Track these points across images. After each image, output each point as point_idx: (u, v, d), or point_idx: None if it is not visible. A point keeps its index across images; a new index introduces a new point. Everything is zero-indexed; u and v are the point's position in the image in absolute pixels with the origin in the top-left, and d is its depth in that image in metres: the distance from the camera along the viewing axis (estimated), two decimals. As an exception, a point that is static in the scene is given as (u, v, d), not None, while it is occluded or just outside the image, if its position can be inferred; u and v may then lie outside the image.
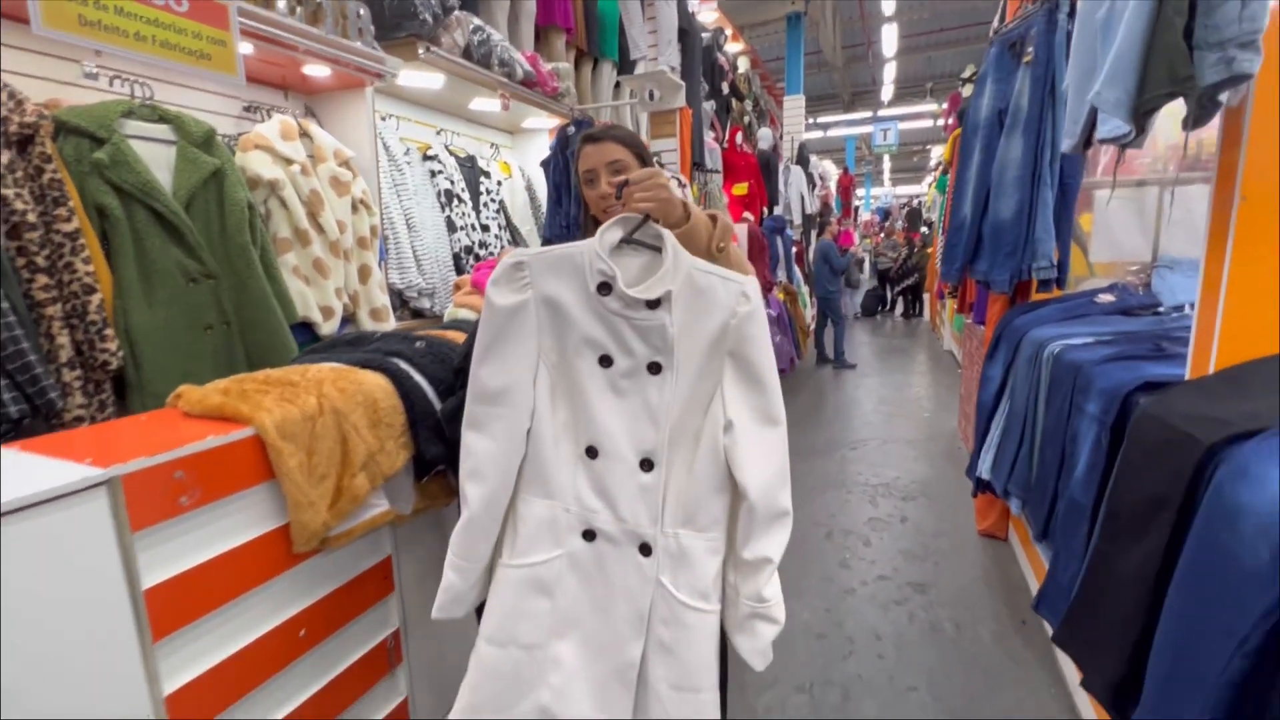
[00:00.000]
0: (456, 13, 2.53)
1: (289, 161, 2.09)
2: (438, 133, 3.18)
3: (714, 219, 1.14)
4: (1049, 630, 1.98)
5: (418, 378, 1.43)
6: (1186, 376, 1.15)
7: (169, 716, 1.01)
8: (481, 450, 1.01)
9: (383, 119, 2.84)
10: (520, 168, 3.73)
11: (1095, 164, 2.57)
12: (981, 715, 1.69)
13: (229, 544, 1.10)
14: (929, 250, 10.65)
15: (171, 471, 1.00)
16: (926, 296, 10.51)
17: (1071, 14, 1.97)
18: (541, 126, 3.69)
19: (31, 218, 1.43)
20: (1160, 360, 1.35)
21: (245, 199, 1.87)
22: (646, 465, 0.97)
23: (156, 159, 1.75)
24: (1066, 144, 1.32)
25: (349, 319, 2.29)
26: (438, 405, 1.43)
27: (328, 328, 2.15)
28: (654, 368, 0.96)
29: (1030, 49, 2.12)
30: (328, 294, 2.15)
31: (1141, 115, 0.99)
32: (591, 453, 0.99)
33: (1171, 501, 0.91)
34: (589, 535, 1.00)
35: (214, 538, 1.08)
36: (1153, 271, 2.16)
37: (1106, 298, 2.08)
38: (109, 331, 1.53)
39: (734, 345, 0.96)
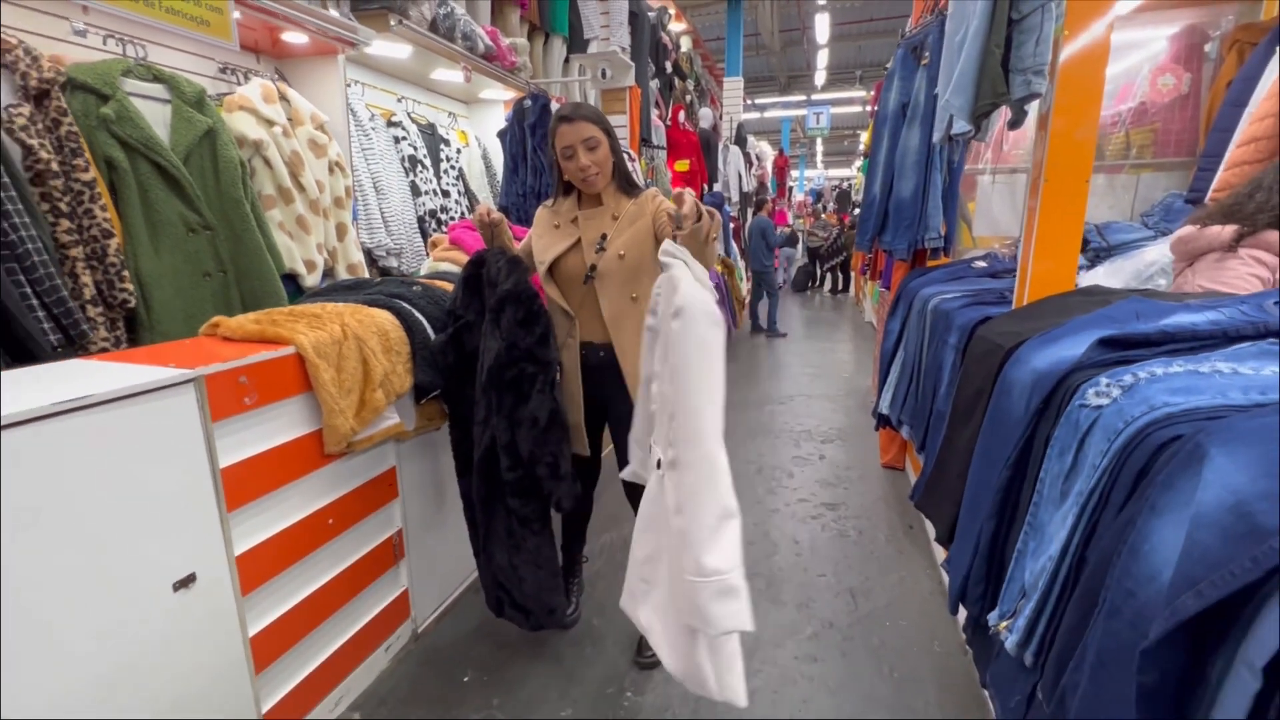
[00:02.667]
0: (424, -14, 2.69)
1: (271, 123, 2.24)
2: (399, 100, 3.32)
3: (711, 215, 1.37)
4: (929, 530, 2.46)
5: (418, 315, 1.69)
6: (1011, 310, 1.58)
7: (239, 573, 1.26)
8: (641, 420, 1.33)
9: (348, 85, 2.96)
10: (477, 137, 3.90)
11: (980, 154, 3.06)
12: (873, 592, 2.14)
13: (278, 440, 1.35)
14: (855, 230, 11.37)
15: (237, 376, 1.24)
16: (852, 274, 11.25)
17: (959, 26, 2.39)
18: (497, 98, 3.87)
19: (55, 166, 1.58)
20: (1001, 304, 1.79)
21: (237, 157, 2.03)
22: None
23: (154, 116, 1.89)
24: (936, 135, 1.71)
25: (328, 273, 2.47)
26: (434, 338, 1.70)
27: (311, 280, 2.33)
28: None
29: (927, 53, 2.53)
30: (310, 249, 2.33)
31: (978, 118, 1.38)
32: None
33: (985, 390, 1.32)
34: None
35: (268, 434, 1.33)
36: (1019, 244, 2.65)
37: (980, 264, 2.55)
38: (126, 273, 1.70)
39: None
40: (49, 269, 1.50)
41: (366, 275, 2.62)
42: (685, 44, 7.64)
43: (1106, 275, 2.07)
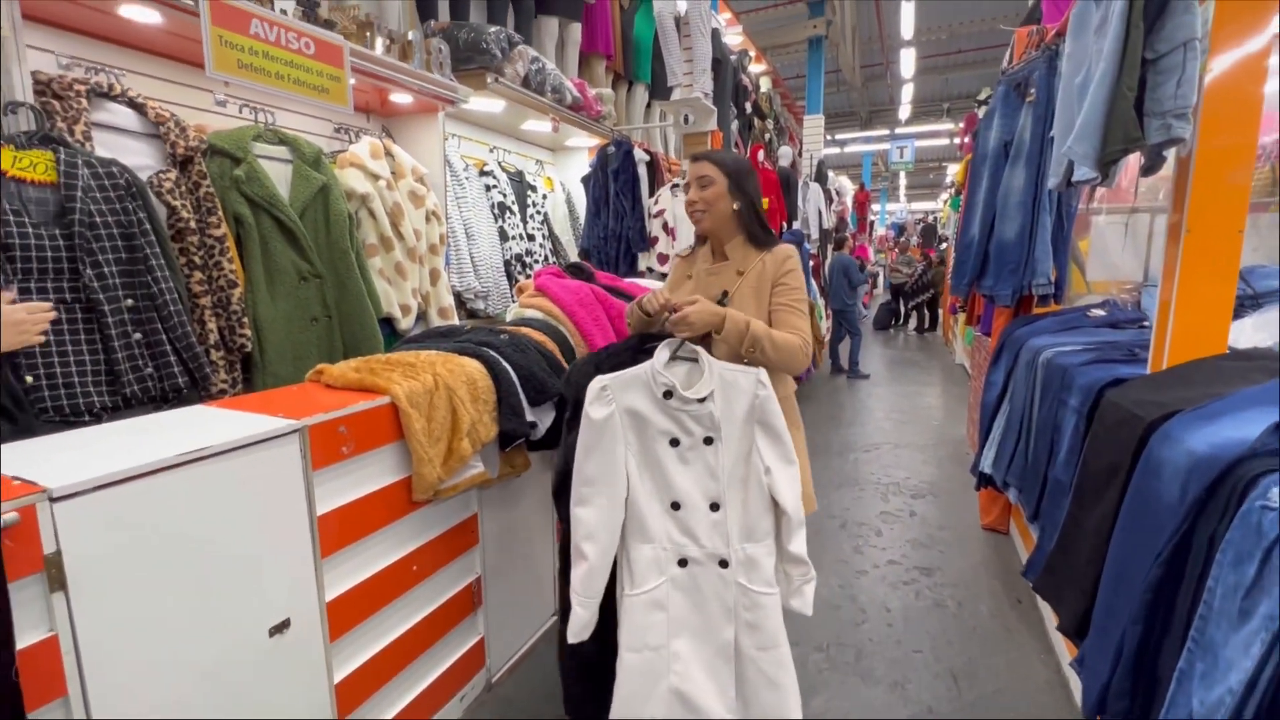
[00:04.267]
0: (519, 46, 2.83)
1: (376, 177, 2.40)
2: (490, 150, 3.49)
3: (747, 326, 1.40)
4: (1041, 606, 2.21)
5: (505, 364, 1.72)
6: (1148, 372, 1.41)
7: (329, 620, 1.29)
8: (591, 519, 1.35)
9: (446, 138, 3.15)
10: (561, 183, 4.04)
11: (1093, 192, 2.83)
12: (978, 675, 1.93)
13: (371, 487, 1.38)
14: (944, 266, 10.86)
15: (338, 426, 1.29)
16: (940, 312, 10.70)
17: (1069, 61, 2.24)
18: (582, 145, 4.00)
19: (192, 224, 1.74)
20: (1131, 363, 1.60)
21: (345, 210, 2.17)
22: (714, 507, 1.36)
23: (277, 175, 2.06)
24: (1052, 182, 1.58)
25: (421, 316, 2.58)
26: (520, 387, 1.72)
27: (405, 323, 2.44)
28: (708, 440, 1.35)
29: (1033, 90, 2.38)
30: (406, 293, 2.45)
31: (1105, 165, 1.25)
32: (675, 506, 1.37)
33: (1122, 466, 1.16)
34: (683, 563, 1.38)
35: (361, 482, 1.37)
36: (1142, 290, 2.40)
37: (1098, 312, 2.33)
38: (245, 320, 1.83)
39: (760, 417, 1.37)
40: (182, 318, 1.64)
41: (456, 318, 2.72)
42: (765, 84, 7.68)
43: (1255, 328, 1.83)
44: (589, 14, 3.88)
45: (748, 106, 6.33)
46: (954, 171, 15.75)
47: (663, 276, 3.66)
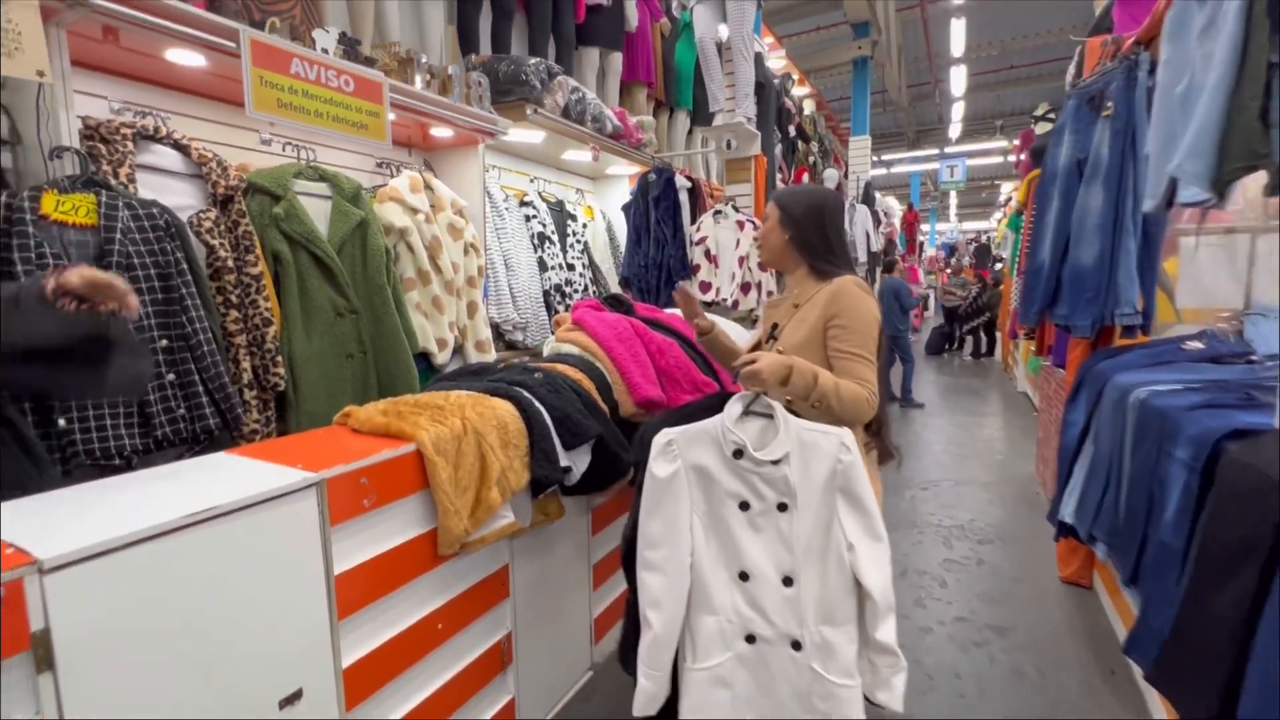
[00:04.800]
0: (559, 77, 2.81)
1: (415, 211, 2.38)
2: (531, 180, 3.48)
3: (814, 380, 1.32)
4: (1138, 680, 1.95)
5: (538, 406, 1.62)
6: (1277, 425, 1.20)
7: (345, 688, 1.20)
8: (656, 584, 1.26)
9: (486, 170, 3.15)
10: (602, 211, 4.00)
11: (1180, 211, 2.57)
12: (1069, 761, 1.69)
13: (393, 542, 1.30)
14: (1001, 288, 10.37)
15: (359, 478, 1.21)
16: (998, 336, 10.20)
17: (1152, 70, 2.04)
18: (623, 173, 3.95)
19: (230, 263, 1.73)
20: (1250, 409, 1.38)
21: (383, 245, 2.15)
22: (788, 582, 1.23)
23: (316, 211, 2.05)
24: (1149, 204, 1.40)
25: (458, 350, 2.54)
26: (554, 430, 1.62)
27: (441, 357, 2.40)
28: (782, 507, 1.24)
29: (1110, 103, 2.19)
30: (443, 327, 2.41)
31: (1223, 185, 1.08)
32: (743, 577, 1.26)
33: (1260, 542, 0.97)
34: (750, 639, 1.25)
35: (383, 536, 1.28)
36: (1244, 319, 2.14)
37: (1195, 345, 2.08)
38: (279, 358, 1.81)
39: (843, 484, 1.23)
40: (215, 358, 1.62)
41: (493, 351, 2.67)
42: (809, 107, 7.57)
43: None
44: (630, 43, 3.87)
45: (791, 130, 6.22)
46: (1008, 190, 15.18)
47: (707, 306, 3.55)
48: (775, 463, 1.22)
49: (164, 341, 1.55)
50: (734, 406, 1.28)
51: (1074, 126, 2.39)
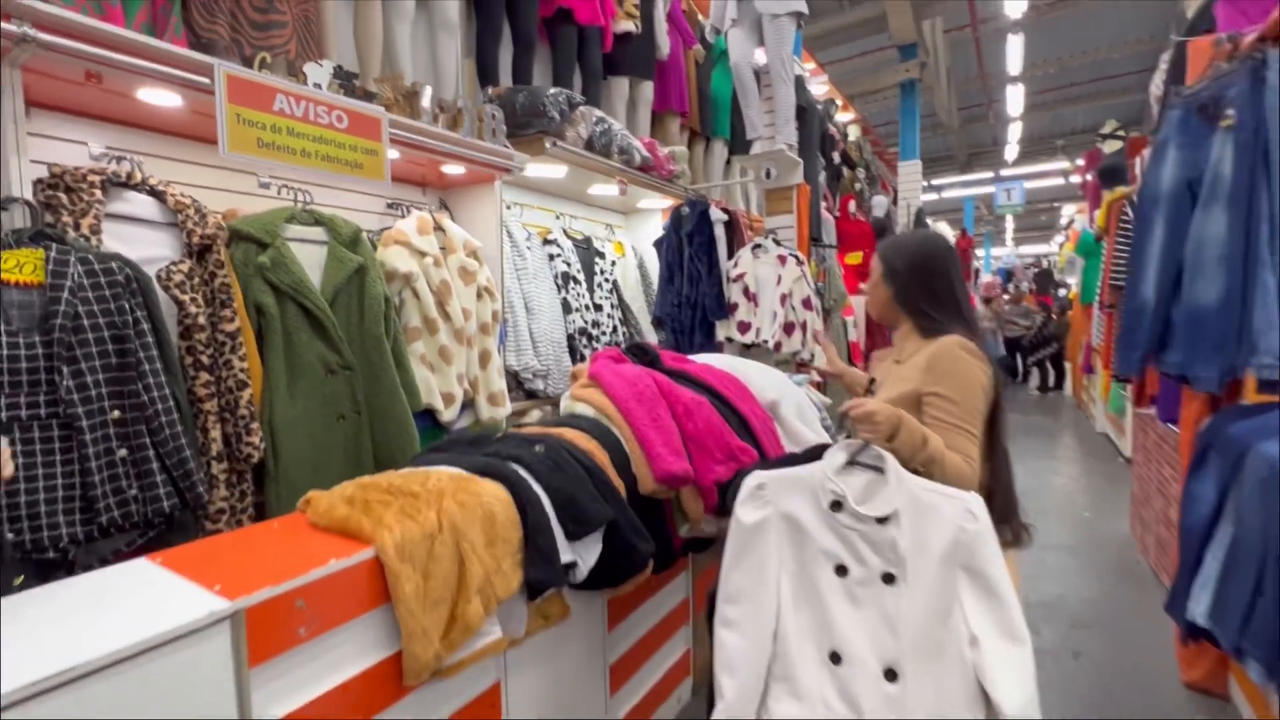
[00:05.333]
0: (581, 108, 2.62)
1: (423, 254, 2.19)
2: (557, 217, 3.29)
3: (924, 442, 1.17)
4: None
5: (536, 488, 1.36)
6: None
7: None
8: (733, 645, 1.11)
9: (508, 207, 2.97)
10: (633, 247, 3.77)
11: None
12: None
13: (340, 677, 1.03)
14: (1068, 317, 9.65)
15: (293, 600, 0.96)
16: (1068, 367, 9.45)
17: (1285, 70, 1.68)
18: (655, 206, 3.74)
19: (201, 320, 1.55)
20: None
21: (382, 293, 1.96)
22: (891, 675, 1.02)
23: (311, 258, 1.87)
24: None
25: (468, 404, 2.31)
26: (554, 519, 1.34)
27: (448, 414, 2.17)
28: (888, 578, 1.05)
29: (1230, 111, 1.82)
30: (450, 381, 2.19)
31: None
32: (835, 658, 1.06)
33: None
34: None
35: (326, 670, 1.02)
36: None
37: (1363, 404, 1.66)
38: (254, 425, 1.60)
39: (967, 560, 1.02)
40: (175, 429, 1.42)
41: (507, 404, 2.43)
42: (853, 132, 7.27)
43: None
44: (662, 71, 3.69)
45: (835, 157, 5.93)
46: (1070, 212, 14.32)
47: (746, 348, 3.25)
48: (881, 521, 1.06)
49: (115, 413, 1.36)
50: (837, 454, 1.14)
51: (1181, 141, 2.02)
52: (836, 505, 1.08)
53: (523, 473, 1.38)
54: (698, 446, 1.71)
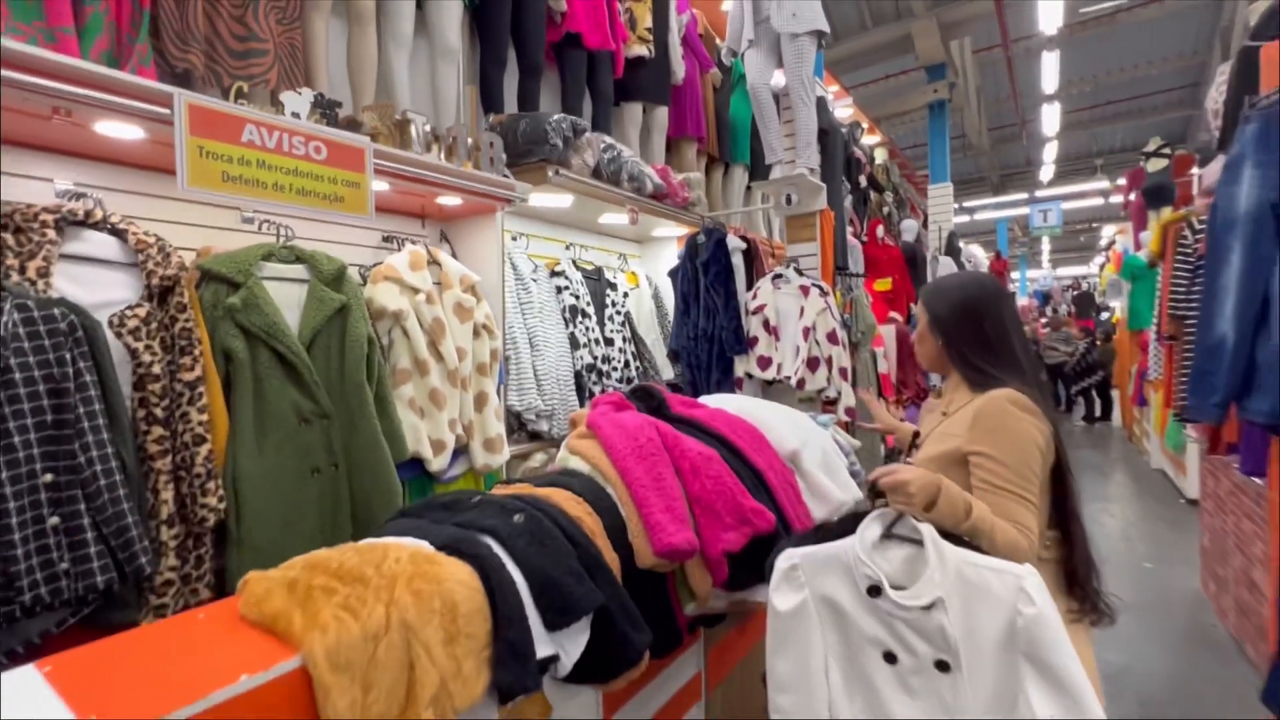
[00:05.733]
0: (588, 134, 2.49)
1: (415, 291, 2.06)
2: (566, 247, 3.15)
3: (967, 512, 1.07)
4: None
5: (510, 568, 1.16)
6: None
7: None
8: None
9: (513, 238, 2.84)
10: (648, 276, 3.61)
11: None
12: None
13: (251, 822, 0.84)
14: (1113, 343, 9.17)
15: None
16: (1115, 396, 8.94)
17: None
18: (670, 235, 3.58)
19: (157, 369, 1.41)
20: None
21: (365, 334, 1.81)
22: None
23: (289, 298, 1.74)
24: None
25: (461, 450, 2.15)
26: (530, 605, 1.15)
27: (438, 463, 2.01)
28: (942, 665, 0.96)
29: (1321, 122, 1.58)
30: (441, 426, 2.03)
31: None
32: None
33: None
34: None
35: (233, 815, 0.83)
36: None
37: None
38: (211, 484, 1.45)
39: (1028, 648, 0.90)
40: (116, 492, 1.28)
41: (505, 450, 2.26)
42: (880, 155, 7.07)
43: None
44: (677, 96, 3.56)
45: (862, 180, 5.73)
46: (1110, 232, 13.78)
47: (767, 385, 3.04)
48: (926, 608, 0.96)
49: (48, 476, 1.22)
50: (870, 528, 1.05)
51: (1259, 158, 1.78)
52: (874, 590, 0.99)
53: (497, 548, 1.19)
54: (705, 510, 1.50)
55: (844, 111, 6.28)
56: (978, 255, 11.59)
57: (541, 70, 2.71)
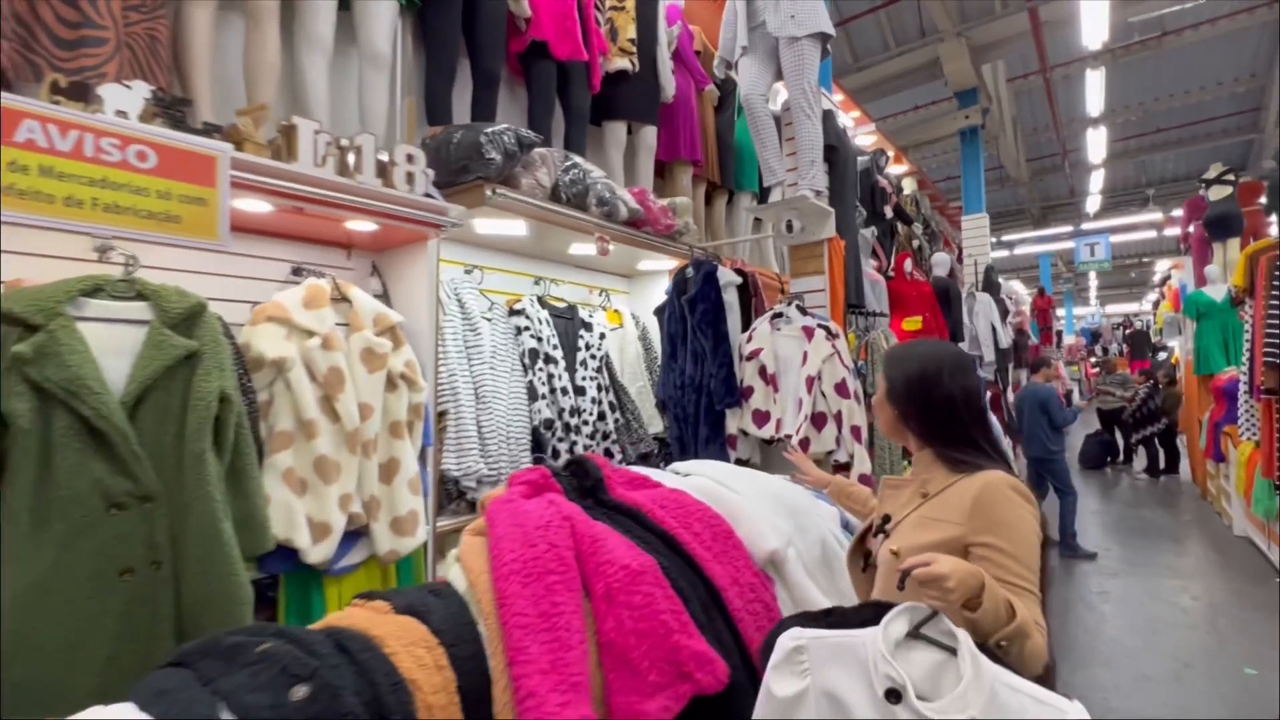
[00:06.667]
0: (541, 150, 2.11)
1: (309, 334, 1.68)
2: (536, 282, 2.77)
3: (1011, 614, 0.94)
4: None
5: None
6: None
7: None
8: None
9: (466, 271, 2.47)
10: (634, 315, 3.20)
11: None
12: None
13: None
14: (1178, 387, 8.31)
15: None
16: (1182, 440, 8.04)
17: None
18: (662, 269, 3.17)
19: None
20: None
21: (216, 390, 1.41)
22: None
23: (121, 344, 1.37)
24: None
25: (359, 533, 1.72)
26: None
27: (318, 552, 1.58)
28: None
29: None
30: (327, 504, 1.61)
31: None
32: None
33: None
34: None
35: None
36: None
37: None
38: (-66, 605, 1.05)
39: None
40: None
41: (420, 531, 1.83)
42: (909, 186, 6.60)
43: None
44: (669, 115, 3.20)
45: (887, 211, 5.27)
46: (1165, 267, 12.85)
47: (769, 443, 2.56)
48: None
49: None
50: (896, 622, 0.93)
51: None
52: (894, 695, 0.88)
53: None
54: (618, 662, 1.03)
55: (867, 139, 5.87)
56: (1019, 292, 10.88)
57: (498, 81, 2.38)
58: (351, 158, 1.71)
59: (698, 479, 1.73)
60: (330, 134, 1.66)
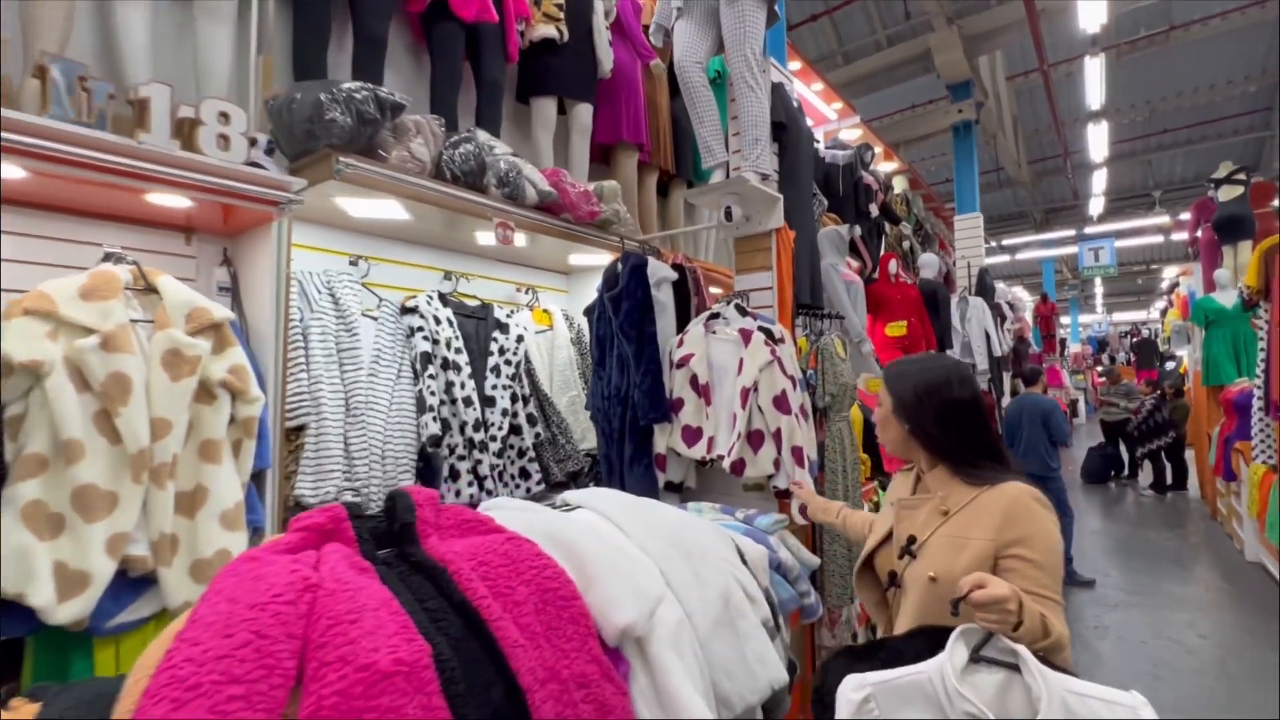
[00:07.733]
0: (417, 117, 1.78)
1: (85, 331, 1.34)
2: (446, 276, 2.43)
3: (1044, 631, 0.97)
4: None
5: None
6: None
7: None
8: None
9: (352, 263, 2.14)
10: (567, 316, 2.86)
11: None
12: None
13: None
14: (1186, 399, 7.90)
15: None
16: (1190, 459, 7.62)
17: None
18: (598, 263, 2.82)
19: None
20: None
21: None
22: None
23: None
24: None
25: (145, 579, 1.38)
26: None
27: (67, 611, 1.24)
28: None
29: None
30: (87, 547, 1.28)
31: None
32: None
33: None
34: None
35: None
36: None
37: None
38: None
39: None
40: None
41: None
42: (899, 184, 6.25)
43: None
44: (608, 92, 2.87)
45: (872, 209, 4.91)
46: (1173, 273, 12.40)
47: (704, 464, 2.21)
48: None
49: None
50: (957, 648, 0.92)
51: None
52: None
53: None
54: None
55: (851, 133, 5.53)
56: (1021, 299, 10.48)
57: (382, 42, 2.04)
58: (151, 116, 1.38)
59: (584, 513, 1.39)
60: (109, 83, 1.33)
